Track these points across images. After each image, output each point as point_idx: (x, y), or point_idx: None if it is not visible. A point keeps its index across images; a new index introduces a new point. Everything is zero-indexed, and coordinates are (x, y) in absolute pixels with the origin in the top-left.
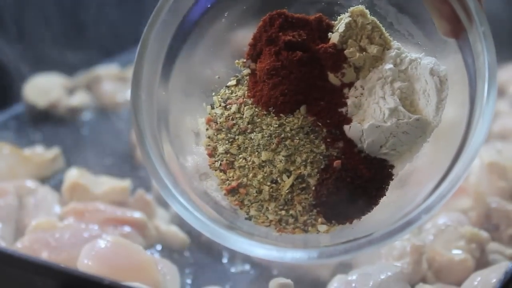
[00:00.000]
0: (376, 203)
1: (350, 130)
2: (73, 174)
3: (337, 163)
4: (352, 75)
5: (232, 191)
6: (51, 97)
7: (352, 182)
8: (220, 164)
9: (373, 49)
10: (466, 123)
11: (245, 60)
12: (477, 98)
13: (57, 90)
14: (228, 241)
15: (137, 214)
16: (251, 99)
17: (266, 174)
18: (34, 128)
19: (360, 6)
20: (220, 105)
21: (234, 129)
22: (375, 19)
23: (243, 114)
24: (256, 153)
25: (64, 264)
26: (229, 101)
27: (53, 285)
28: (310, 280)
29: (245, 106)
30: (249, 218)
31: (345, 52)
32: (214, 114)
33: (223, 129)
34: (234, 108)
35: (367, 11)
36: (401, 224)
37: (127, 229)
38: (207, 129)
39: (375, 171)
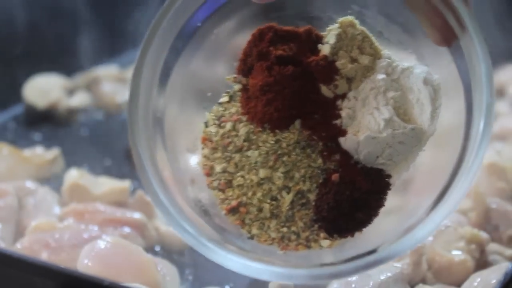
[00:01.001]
0: (376, 214)
1: (346, 142)
2: (73, 175)
3: (335, 177)
4: (344, 86)
5: (232, 211)
6: (50, 97)
7: (351, 194)
8: (219, 184)
9: (364, 59)
10: (464, 132)
11: (236, 76)
12: (475, 106)
13: (56, 91)
14: (233, 264)
15: (137, 215)
16: (246, 116)
17: (265, 192)
18: (34, 129)
19: (349, 16)
20: (214, 123)
21: (230, 148)
22: (365, 29)
23: (238, 132)
24: (254, 170)
25: (64, 265)
26: (223, 118)
27: (52, 286)
28: None
29: (240, 123)
30: (252, 237)
31: (336, 63)
32: (209, 133)
33: (219, 148)
34: (229, 126)
35: (357, 22)
36: (409, 243)
37: (127, 230)
38: (203, 148)
39: (372, 182)
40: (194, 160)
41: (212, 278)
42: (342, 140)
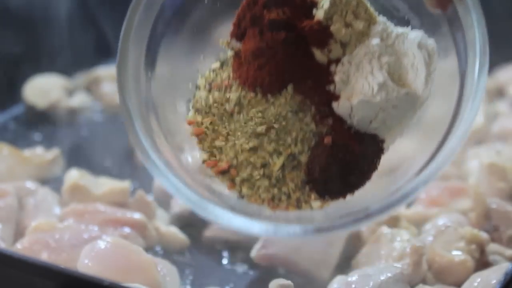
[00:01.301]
0: (368, 177)
1: (339, 106)
2: (73, 175)
3: (327, 140)
4: (338, 51)
5: (222, 172)
6: (51, 98)
7: (344, 157)
8: (209, 146)
9: (359, 25)
10: (457, 96)
11: (229, 40)
12: (468, 71)
13: (57, 91)
14: (223, 218)
15: (137, 215)
16: (237, 80)
17: (256, 156)
18: (34, 129)
19: None
20: (205, 88)
21: (221, 112)
22: None
23: (229, 96)
24: (246, 134)
25: (64, 265)
26: (214, 83)
27: (52, 286)
28: (310, 281)
29: (231, 88)
30: (242, 197)
31: (330, 28)
32: (200, 97)
33: (210, 112)
34: (220, 90)
35: None
36: (397, 196)
37: (127, 230)
38: (194, 113)
39: (366, 146)
40: (185, 124)
41: (212, 279)
42: (335, 104)
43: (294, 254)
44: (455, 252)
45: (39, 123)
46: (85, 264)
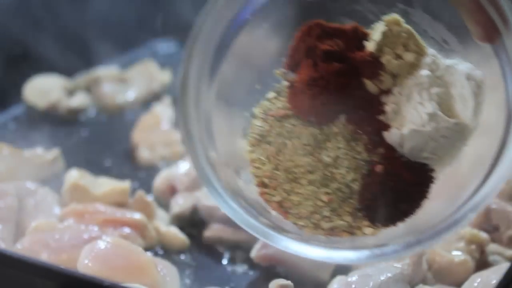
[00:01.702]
0: (419, 206)
1: (390, 136)
2: (73, 175)
3: (379, 168)
4: (389, 82)
5: (277, 204)
6: (51, 98)
7: (395, 186)
8: (264, 175)
9: (409, 56)
10: (504, 126)
11: (284, 71)
12: None
13: (57, 91)
14: (279, 243)
15: (137, 215)
16: (292, 110)
17: (310, 187)
18: (34, 129)
19: (394, 15)
20: (261, 117)
21: (277, 141)
22: (410, 27)
23: (284, 126)
24: (300, 163)
25: (64, 266)
26: (270, 112)
27: (53, 287)
28: (310, 282)
29: (285, 117)
30: (299, 228)
31: (381, 59)
32: (255, 126)
33: (265, 141)
34: (275, 120)
35: (402, 20)
36: (448, 223)
37: (127, 230)
38: (250, 142)
39: (417, 175)
40: (241, 153)
41: (212, 279)
42: (386, 134)
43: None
44: (455, 252)
45: (39, 123)
46: (85, 264)
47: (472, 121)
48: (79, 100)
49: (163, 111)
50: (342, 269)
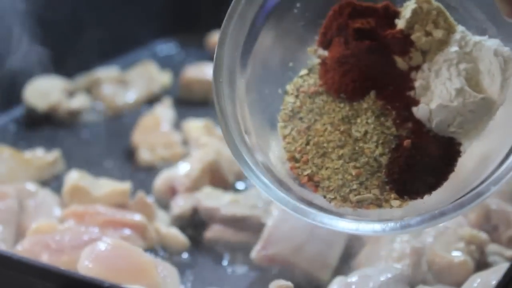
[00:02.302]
0: (445, 178)
1: (419, 111)
2: (73, 177)
3: (407, 142)
4: (419, 58)
5: (307, 178)
6: (51, 100)
7: (422, 159)
8: (295, 149)
9: (439, 33)
10: None
11: (316, 48)
12: None
13: (57, 93)
14: (309, 215)
15: (137, 217)
16: (323, 87)
17: (340, 161)
18: (34, 131)
19: None
20: (292, 93)
21: (308, 116)
22: (440, 5)
23: (315, 102)
24: (330, 139)
25: (64, 267)
26: (301, 89)
27: None
28: (310, 282)
29: (317, 93)
30: (328, 201)
31: (411, 37)
32: (288, 102)
33: (296, 117)
34: (306, 96)
35: None
36: (471, 196)
37: (127, 231)
38: (282, 117)
39: (443, 149)
40: (272, 130)
41: (212, 280)
42: (415, 109)
43: (294, 255)
44: (455, 253)
45: (40, 125)
46: (86, 265)
47: (499, 96)
48: (79, 101)
49: (163, 112)
50: (342, 270)
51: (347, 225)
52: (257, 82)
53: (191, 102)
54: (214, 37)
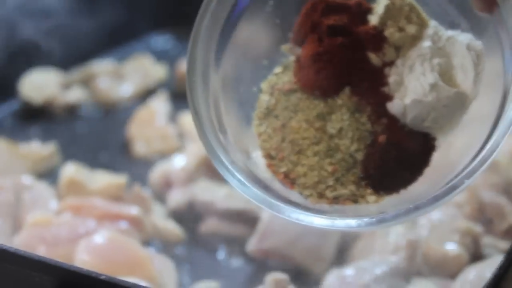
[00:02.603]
0: (421, 173)
1: (393, 106)
2: (69, 170)
3: (382, 138)
4: (392, 54)
5: (283, 175)
6: (46, 93)
7: (398, 155)
8: (270, 148)
9: (412, 29)
10: (502, 95)
11: (291, 46)
12: None
13: (52, 86)
14: (284, 212)
15: (133, 210)
16: (297, 84)
17: (314, 158)
18: (30, 124)
19: None
20: (267, 91)
21: (282, 114)
22: (412, 0)
23: (289, 99)
24: (305, 135)
25: (61, 260)
26: (276, 87)
27: (49, 281)
28: (306, 275)
29: (291, 91)
30: (305, 198)
31: (385, 32)
32: (262, 100)
33: (271, 114)
34: (281, 93)
35: None
36: (445, 189)
37: (123, 224)
38: (256, 115)
39: (418, 144)
40: (248, 128)
41: (208, 273)
42: (389, 105)
43: (290, 248)
44: (449, 246)
45: (35, 118)
46: (82, 258)
47: (472, 90)
48: (75, 95)
49: (159, 105)
50: (338, 262)
51: (323, 222)
52: (232, 80)
53: (186, 95)
54: None
